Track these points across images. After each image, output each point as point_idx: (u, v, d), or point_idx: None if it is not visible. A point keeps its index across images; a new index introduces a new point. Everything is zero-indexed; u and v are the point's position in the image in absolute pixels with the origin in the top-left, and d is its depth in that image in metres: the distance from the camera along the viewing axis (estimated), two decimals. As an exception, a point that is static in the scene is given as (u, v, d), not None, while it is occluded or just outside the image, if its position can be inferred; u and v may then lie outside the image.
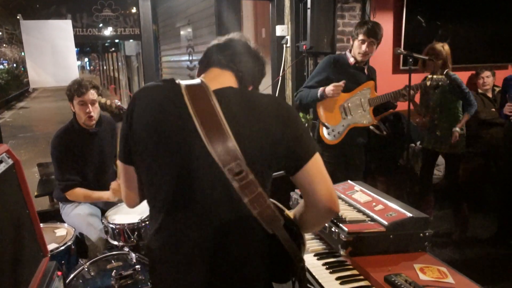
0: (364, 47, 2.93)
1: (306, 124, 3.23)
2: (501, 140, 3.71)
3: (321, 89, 2.95)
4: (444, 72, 3.27)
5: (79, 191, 2.61)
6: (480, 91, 4.35)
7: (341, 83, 2.89)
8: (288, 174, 1.20)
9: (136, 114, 1.18)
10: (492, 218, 3.75)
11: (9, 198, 1.55)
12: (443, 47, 3.41)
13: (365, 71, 3.11)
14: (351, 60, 3.05)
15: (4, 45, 19.48)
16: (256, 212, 1.11)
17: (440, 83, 2.99)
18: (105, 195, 2.56)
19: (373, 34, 2.91)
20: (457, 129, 3.40)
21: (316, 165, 1.17)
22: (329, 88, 2.90)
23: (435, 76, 2.99)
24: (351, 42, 3.05)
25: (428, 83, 3.00)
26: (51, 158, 2.64)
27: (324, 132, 3.08)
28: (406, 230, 1.71)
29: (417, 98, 3.65)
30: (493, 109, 4.19)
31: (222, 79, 1.24)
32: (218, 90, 1.17)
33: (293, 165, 1.17)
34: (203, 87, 1.16)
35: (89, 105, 2.57)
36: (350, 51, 3.07)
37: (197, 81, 1.20)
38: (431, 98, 3.53)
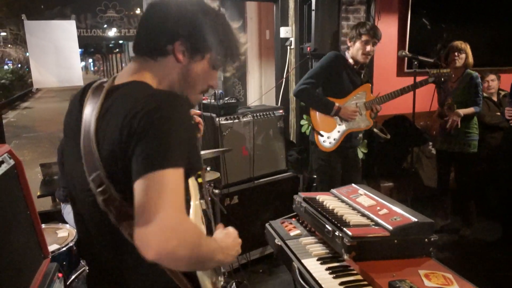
0: (368, 47, 2.91)
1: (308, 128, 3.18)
2: (504, 143, 3.71)
3: (336, 108, 2.93)
4: (466, 70, 3.48)
5: None
6: (485, 94, 4.32)
7: (357, 108, 2.97)
8: None
9: None
10: (497, 222, 3.72)
11: (10, 199, 1.54)
12: (467, 45, 3.49)
13: (362, 76, 3.08)
14: (350, 61, 3.02)
15: (9, 45, 19.57)
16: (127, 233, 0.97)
17: (443, 79, 3.03)
18: None
19: (376, 34, 2.91)
20: (461, 112, 3.44)
21: (150, 186, 0.86)
22: (347, 113, 2.94)
23: (441, 71, 3.01)
24: (349, 43, 3.01)
25: (431, 79, 3.03)
26: (58, 164, 2.62)
27: (320, 140, 3.04)
28: (411, 235, 1.69)
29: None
30: (498, 113, 4.16)
31: (130, 70, 1.09)
32: (115, 87, 1.04)
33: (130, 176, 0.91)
34: (103, 84, 1.07)
35: None
36: (348, 52, 3.04)
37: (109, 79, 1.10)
38: (451, 94, 3.52)
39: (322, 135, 3.02)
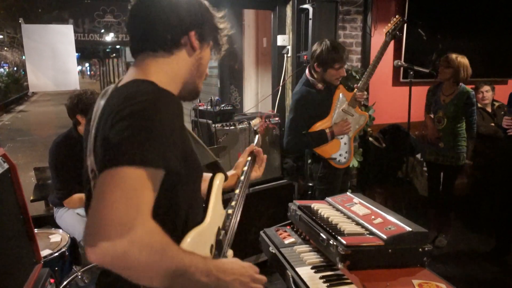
0: (342, 72, 2.90)
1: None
2: (498, 154, 3.73)
3: (329, 133, 2.90)
4: (462, 86, 3.47)
5: (76, 196, 2.59)
6: (479, 105, 4.35)
7: (346, 120, 2.96)
8: None
9: None
10: (491, 233, 3.73)
11: (3, 203, 1.53)
12: (457, 58, 3.44)
13: (331, 89, 3.03)
14: (320, 86, 2.94)
15: (5, 48, 19.52)
16: None
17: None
18: None
19: (347, 58, 2.92)
20: (468, 162, 3.57)
21: (105, 183, 0.81)
22: (341, 129, 2.93)
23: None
24: (318, 68, 2.88)
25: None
26: (49, 166, 2.61)
27: (335, 162, 2.98)
28: (405, 245, 1.69)
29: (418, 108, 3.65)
30: (492, 124, 4.19)
31: (134, 70, 1.08)
32: (119, 87, 1.04)
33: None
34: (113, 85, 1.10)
35: None
36: (313, 77, 2.94)
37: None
38: (442, 107, 3.53)
39: (334, 158, 2.98)
